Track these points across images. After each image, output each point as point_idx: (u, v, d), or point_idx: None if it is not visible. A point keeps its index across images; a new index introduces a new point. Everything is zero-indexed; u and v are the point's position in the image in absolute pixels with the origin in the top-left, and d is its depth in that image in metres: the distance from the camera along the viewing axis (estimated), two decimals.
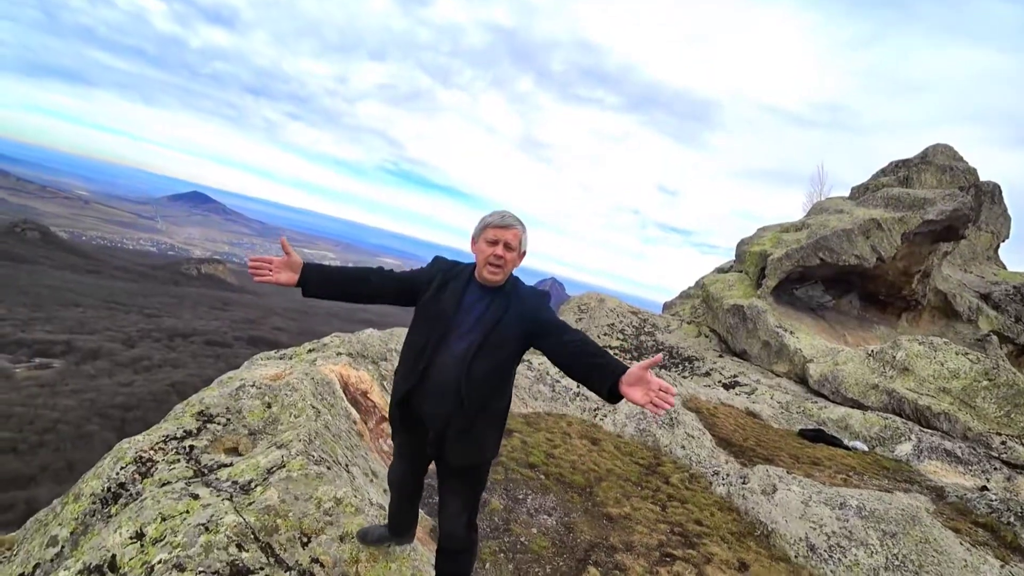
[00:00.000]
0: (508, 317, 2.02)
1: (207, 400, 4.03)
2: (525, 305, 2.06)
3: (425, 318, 2.09)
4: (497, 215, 2.06)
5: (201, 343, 78.92)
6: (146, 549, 2.42)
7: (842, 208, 17.32)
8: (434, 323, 2.05)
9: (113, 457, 3.40)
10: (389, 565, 2.46)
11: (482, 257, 2.04)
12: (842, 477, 6.43)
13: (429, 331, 2.05)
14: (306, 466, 2.93)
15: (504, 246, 2.01)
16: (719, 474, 6.10)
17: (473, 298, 2.08)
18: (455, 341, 2.01)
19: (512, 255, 2.04)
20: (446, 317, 2.03)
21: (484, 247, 2.04)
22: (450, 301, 2.06)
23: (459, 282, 2.11)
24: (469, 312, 2.05)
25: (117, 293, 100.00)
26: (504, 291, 2.09)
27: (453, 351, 2.00)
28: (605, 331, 16.38)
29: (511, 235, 2.02)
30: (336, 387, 4.94)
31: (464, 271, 2.15)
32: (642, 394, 1.65)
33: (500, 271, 2.03)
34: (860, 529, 4.62)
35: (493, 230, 2.03)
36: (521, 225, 2.07)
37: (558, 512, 4.72)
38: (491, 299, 2.07)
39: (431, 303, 2.09)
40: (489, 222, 2.05)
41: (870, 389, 10.74)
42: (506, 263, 2.03)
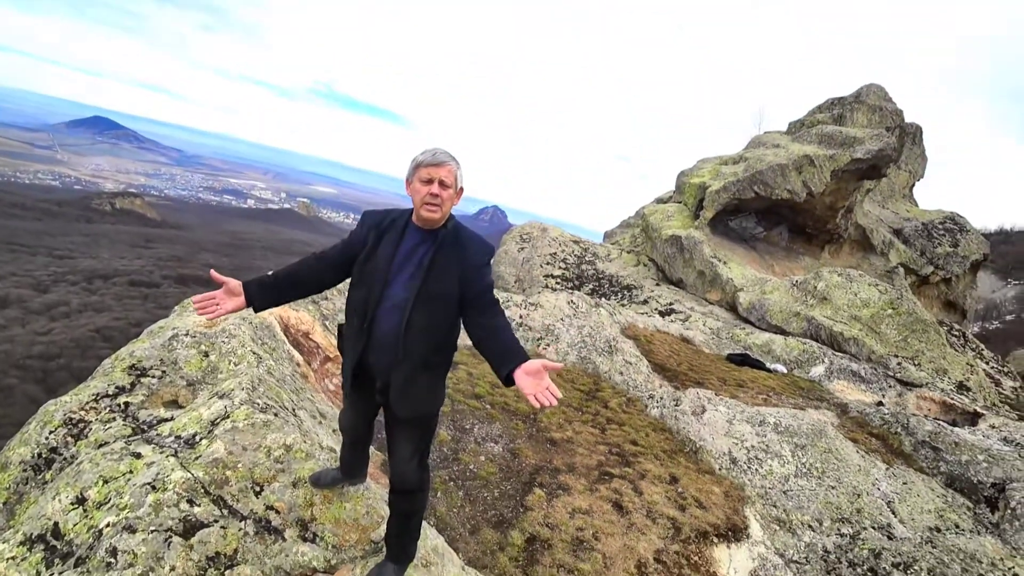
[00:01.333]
0: (448, 263, 1.99)
1: (138, 352, 3.85)
2: (467, 256, 2.03)
3: (362, 274, 2.03)
4: (428, 153, 1.98)
5: (125, 284, 73.80)
6: (90, 513, 2.37)
7: (779, 143, 17.91)
8: (371, 277, 2.01)
9: (39, 421, 3.23)
10: (344, 505, 2.54)
11: (418, 198, 1.98)
12: (763, 397, 7.08)
13: (369, 287, 2.01)
14: (252, 415, 2.91)
15: (439, 184, 1.96)
16: (654, 397, 6.56)
17: (412, 242, 2.04)
18: (395, 288, 1.99)
19: (448, 192, 1.98)
20: (383, 269, 1.99)
21: (419, 187, 1.98)
22: (385, 252, 2.02)
23: (395, 231, 2.05)
24: (409, 259, 2.01)
25: (19, 233, 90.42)
26: (446, 234, 2.04)
27: (393, 299, 1.98)
28: (547, 260, 16.65)
29: (445, 172, 1.96)
30: (276, 330, 4.83)
31: (399, 218, 2.09)
32: (531, 384, 1.73)
33: (438, 209, 1.97)
34: (775, 443, 5.19)
35: (426, 168, 1.96)
36: (455, 161, 2.00)
37: (504, 439, 4.97)
38: (430, 243, 2.03)
39: (367, 262, 2.05)
40: (421, 161, 1.98)
41: (792, 316, 11.66)
42: (443, 201, 1.97)
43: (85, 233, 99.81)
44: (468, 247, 2.05)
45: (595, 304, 9.35)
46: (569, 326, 8.30)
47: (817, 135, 17.57)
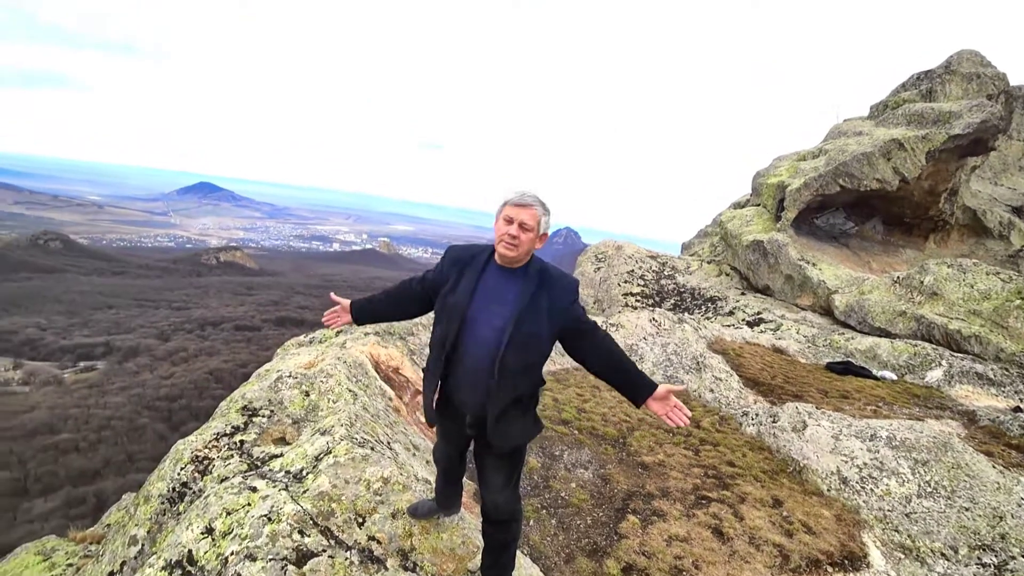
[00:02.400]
0: (537, 308, 2.01)
1: (249, 395, 4.23)
2: (556, 295, 2.05)
3: (443, 310, 2.10)
4: (517, 193, 2.01)
5: (231, 329, 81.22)
6: (217, 543, 2.62)
7: (861, 130, 16.67)
8: (451, 313, 2.06)
9: (172, 459, 3.63)
10: (440, 535, 2.63)
11: (498, 235, 2.02)
12: (872, 408, 6.49)
13: (448, 323, 2.06)
14: (351, 450, 3.09)
15: (520, 226, 1.97)
16: (748, 414, 6.21)
17: (494, 281, 2.07)
18: (481, 328, 2.02)
19: (528, 236, 1.99)
20: (462, 306, 2.04)
21: (501, 224, 2.01)
22: (466, 289, 2.06)
23: (475, 267, 2.10)
24: (491, 296, 2.04)
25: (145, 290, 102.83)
26: (529, 273, 2.05)
27: (480, 338, 2.01)
28: (625, 278, 16.36)
29: (527, 215, 1.98)
30: (368, 367, 5.12)
31: (481, 255, 2.13)
32: (661, 407, 2.01)
33: (515, 249, 1.99)
34: (891, 459, 4.72)
35: (511, 208, 1.99)
36: (541, 205, 2.01)
37: (594, 465, 4.90)
38: (515, 282, 2.05)
39: (448, 297, 2.10)
40: (508, 200, 2.01)
41: (897, 316, 10.64)
42: (521, 243, 1.98)
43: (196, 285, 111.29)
44: (554, 286, 2.07)
45: (678, 320, 9.06)
46: (653, 345, 8.10)
47: (904, 115, 16.13)
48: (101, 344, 73.82)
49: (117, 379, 63.05)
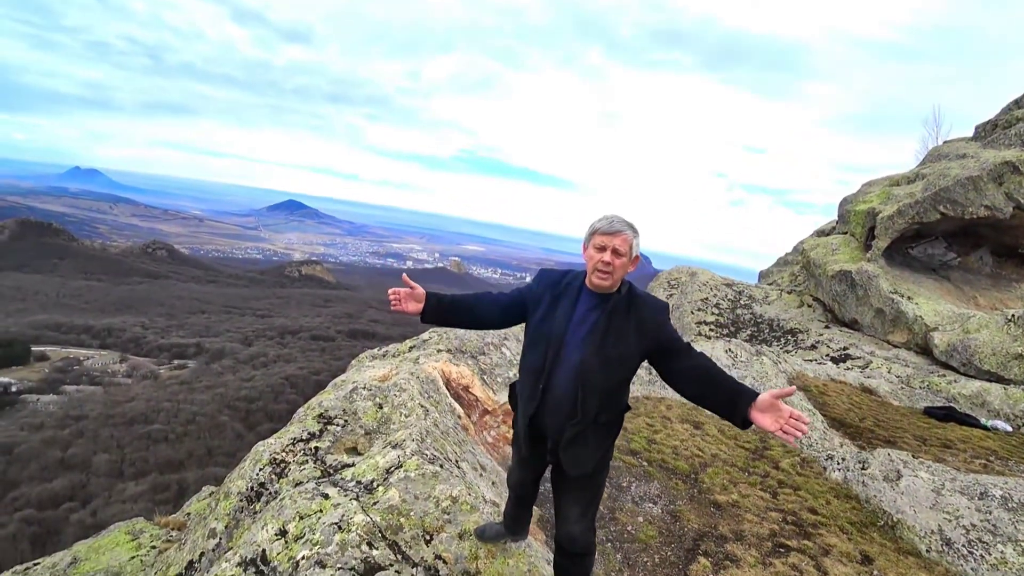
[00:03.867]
0: (626, 328, 1.99)
1: (325, 403, 4.42)
2: (644, 317, 2.02)
3: (539, 338, 2.09)
4: (605, 220, 2.00)
5: (307, 339, 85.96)
6: (290, 546, 2.72)
7: (965, 152, 15.27)
8: (548, 342, 2.05)
9: (252, 460, 3.84)
10: (507, 561, 2.60)
11: (591, 264, 2.01)
12: (981, 462, 5.80)
13: (545, 351, 2.04)
14: (421, 465, 3.14)
15: (612, 252, 1.97)
16: (834, 458, 5.74)
17: (586, 307, 2.06)
18: (570, 352, 2.01)
19: (622, 261, 1.98)
20: (560, 332, 2.03)
21: (593, 253, 2.01)
22: (562, 318, 2.05)
23: (570, 296, 2.09)
24: (583, 323, 2.03)
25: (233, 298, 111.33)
26: (620, 298, 2.04)
27: (569, 363, 2.00)
28: (699, 306, 15.75)
29: (620, 240, 1.97)
30: (440, 384, 5.21)
31: (574, 282, 2.12)
32: (772, 420, 1.76)
33: (609, 276, 1.98)
34: (1007, 523, 4.16)
35: (601, 236, 1.99)
36: (632, 230, 2.00)
37: (663, 500, 4.69)
38: (605, 307, 2.03)
39: (543, 323, 2.09)
40: (597, 228, 2.00)
41: (1012, 360, 9.51)
42: (615, 269, 1.98)
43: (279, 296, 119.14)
44: (643, 308, 2.04)
45: (756, 352, 8.59)
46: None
47: (1019, 135, 14.57)
48: (193, 345, 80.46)
49: (204, 378, 68.26)
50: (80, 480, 44.01)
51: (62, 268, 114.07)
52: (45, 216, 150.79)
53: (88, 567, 4.62)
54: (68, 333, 78.62)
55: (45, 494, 40.79)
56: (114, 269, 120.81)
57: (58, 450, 46.86)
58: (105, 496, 42.01)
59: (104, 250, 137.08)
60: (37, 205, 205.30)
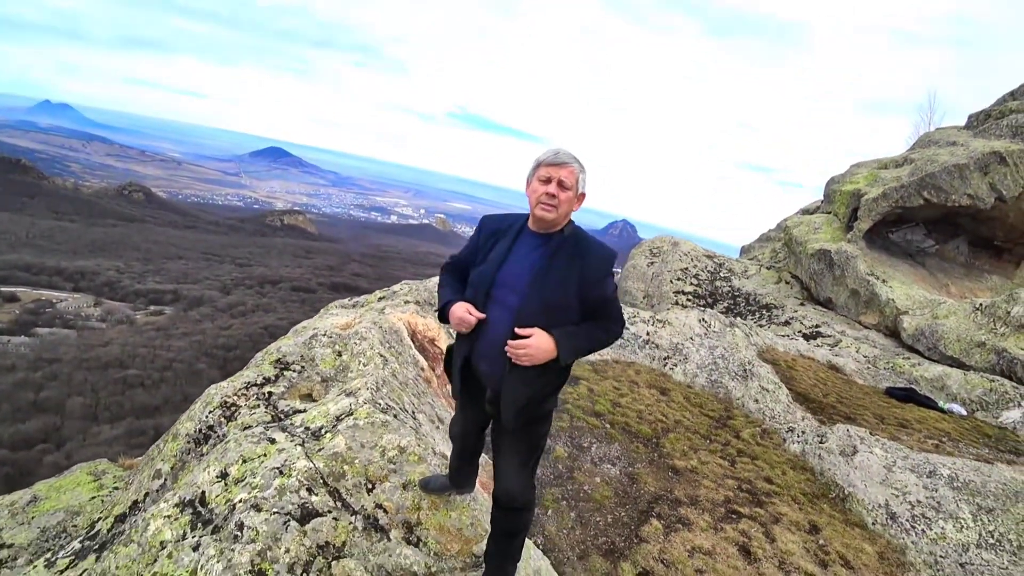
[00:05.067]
0: (570, 273, 1.89)
1: (284, 349, 4.29)
2: (589, 263, 1.91)
3: (474, 280, 2.01)
4: (550, 152, 1.90)
5: (288, 289, 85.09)
6: (229, 488, 2.63)
7: (955, 140, 15.23)
8: (479, 280, 1.97)
9: (203, 402, 3.72)
10: (449, 513, 2.54)
11: (534, 197, 1.91)
12: (933, 443, 5.93)
13: (476, 292, 1.97)
14: (372, 414, 3.05)
15: (558, 184, 1.87)
16: (794, 431, 5.82)
17: (527, 247, 1.96)
18: (507, 295, 1.91)
19: (567, 195, 1.88)
20: (490, 275, 1.94)
21: (537, 186, 1.90)
22: (496, 258, 1.96)
23: (509, 235, 2.00)
24: (522, 263, 1.93)
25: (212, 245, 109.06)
26: (565, 239, 1.93)
27: (505, 306, 1.90)
28: (678, 276, 15.79)
29: (566, 173, 1.87)
30: (404, 335, 5.09)
31: (515, 224, 2.03)
32: None
33: (553, 210, 1.88)
34: (950, 501, 4.27)
35: (546, 168, 1.89)
36: (577, 163, 1.90)
37: (622, 462, 4.71)
38: (548, 248, 1.93)
39: (478, 265, 2.02)
40: (542, 159, 1.90)
41: (975, 347, 9.72)
42: (560, 202, 1.87)
43: (260, 245, 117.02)
44: (588, 255, 1.92)
45: (729, 324, 8.62)
46: (699, 346, 7.73)
47: (1010, 127, 14.55)
48: (170, 291, 79.15)
49: (181, 325, 67.45)
50: (54, 423, 43.71)
51: (32, 207, 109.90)
52: (13, 152, 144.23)
53: (48, 506, 4.53)
54: (39, 274, 76.56)
55: (18, 435, 40.51)
56: (87, 210, 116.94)
57: (31, 392, 46.32)
58: (79, 439, 41.88)
59: (77, 190, 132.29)
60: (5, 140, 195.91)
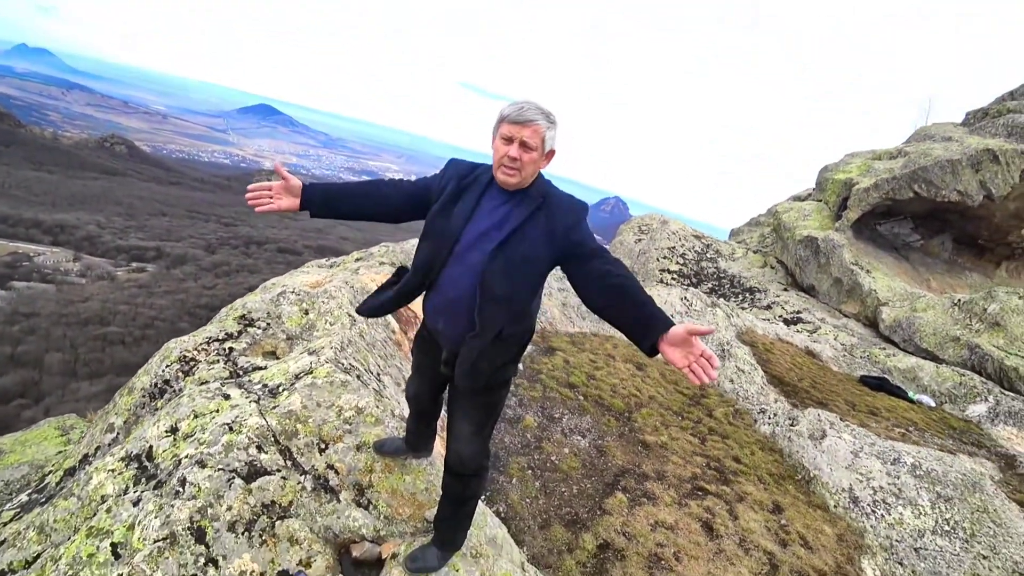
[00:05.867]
0: (534, 229, 1.75)
1: (249, 305, 4.14)
2: (556, 217, 1.76)
3: (432, 231, 1.85)
4: (515, 107, 1.70)
5: (274, 251, 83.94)
6: (177, 443, 2.53)
7: (951, 135, 15.17)
8: (442, 233, 1.81)
9: (161, 355, 3.58)
10: (403, 477, 2.47)
11: (496, 157, 1.75)
12: (900, 431, 6.01)
13: (438, 243, 1.82)
14: (332, 374, 2.94)
15: (520, 145, 1.69)
16: (766, 412, 5.85)
17: (493, 203, 1.81)
18: (468, 252, 1.77)
19: (531, 156, 1.71)
20: (457, 226, 1.79)
21: (499, 145, 1.73)
22: (462, 213, 1.80)
23: (476, 189, 1.83)
24: (488, 220, 1.79)
25: (197, 203, 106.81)
26: (531, 196, 1.79)
27: (466, 264, 1.77)
28: (665, 254, 15.77)
29: (530, 132, 1.69)
30: None
31: (483, 176, 1.86)
32: (682, 356, 1.50)
33: (516, 173, 1.73)
34: (911, 488, 4.31)
35: (509, 126, 1.70)
36: (545, 118, 1.71)
37: (592, 434, 4.69)
38: (514, 204, 1.78)
39: (440, 214, 1.84)
40: (506, 115, 1.71)
41: (949, 341, 9.84)
42: (523, 165, 1.71)
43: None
44: (557, 209, 1.78)
45: (711, 303, 8.60)
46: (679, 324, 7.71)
47: (1005, 126, 14.53)
48: (153, 248, 77.64)
49: (164, 283, 66.44)
50: (32, 377, 43.10)
51: (8, 156, 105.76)
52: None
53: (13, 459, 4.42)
54: (16, 226, 74.36)
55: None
56: (67, 161, 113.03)
57: (8, 346, 45.47)
58: (58, 394, 41.38)
59: (56, 140, 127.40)
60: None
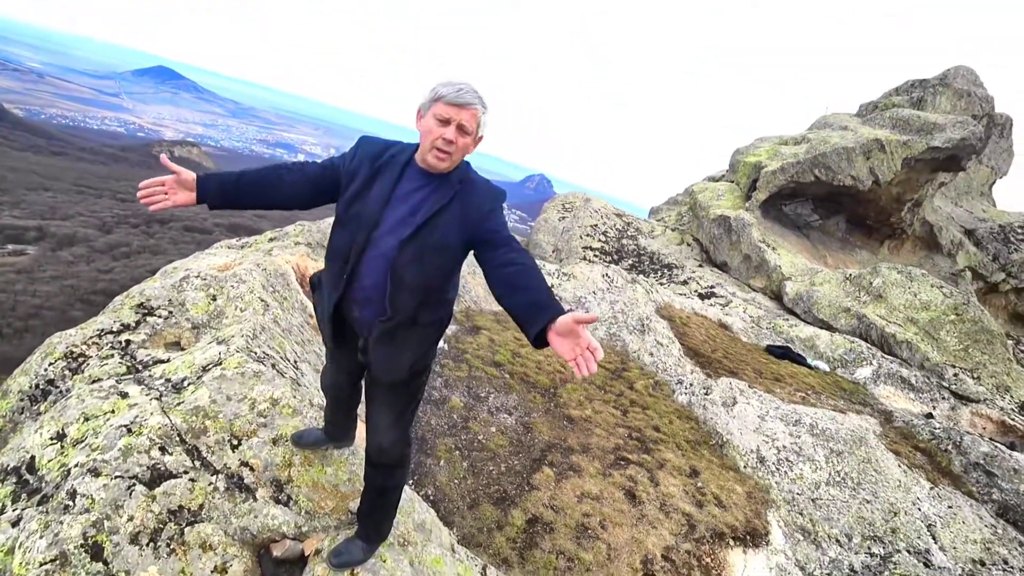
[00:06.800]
0: (450, 213, 1.70)
1: (148, 292, 3.77)
2: (472, 204, 1.72)
3: (348, 214, 1.76)
4: (453, 88, 1.64)
5: (180, 229, 77.18)
6: (66, 451, 2.28)
7: (847, 125, 16.59)
8: (359, 219, 1.72)
9: (42, 352, 3.19)
10: (325, 469, 2.37)
11: (429, 139, 1.67)
12: (801, 395, 6.60)
13: (353, 233, 1.73)
14: (244, 364, 2.75)
15: (457, 128, 1.65)
16: (683, 383, 6.20)
17: (411, 186, 1.73)
18: (383, 236, 1.70)
19: (466, 140, 1.68)
20: (375, 211, 1.71)
21: (433, 126, 1.66)
22: (378, 197, 1.72)
23: (392, 171, 1.74)
24: (403, 203, 1.72)
25: (87, 176, 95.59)
26: (450, 180, 1.73)
27: (380, 250, 1.70)
28: (588, 232, 16.18)
29: (468, 116, 1.65)
30: (291, 279, 4.69)
31: (399, 156, 1.77)
32: (569, 348, 1.44)
33: (448, 158, 1.68)
34: (809, 446, 4.78)
35: (446, 107, 1.64)
36: (482, 103, 1.68)
37: (519, 412, 4.76)
38: (432, 188, 1.72)
39: (355, 200, 1.74)
40: (443, 95, 1.64)
41: (841, 312, 10.90)
42: (457, 149, 1.67)
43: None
44: (474, 195, 1.74)
45: (631, 280, 8.93)
46: (601, 300, 7.95)
47: (891, 119, 16.14)
48: (33, 228, 68.77)
49: (49, 267, 59.29)
50: None
51: None
52: None
53: None
54: None
55: None
56: None
57: None
58: None
59: None
60: None
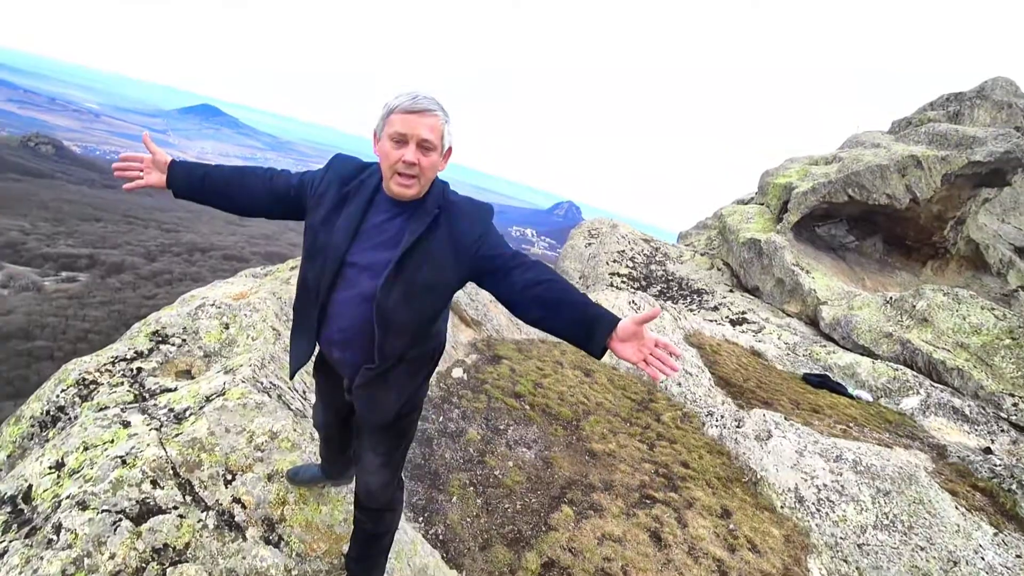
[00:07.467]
0: (435, 245, 1.49)
1: (164, 319, 3.78)
2: (461, 230, 1.51)
3: (315, 245, 1.57)
4: (406, 97, 1.41)
5: (219, 258, 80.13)
6: (61, 481, 2.21)
7: (880, 142, 16.09)
8: (326, 257, 1.52)
9: (56, 379, 3.20)
10: (319, 508, 2.24)
11: (387, 164, 1.45)
12: (842, 428, 6.18)
13: (322, 266, 1.53)
14: (247, 394, 2.68)
15: (419, 146, 1.41)
16: (713, 415, 5.89)
17: (381, 217, 1.53)
18: (360, 276, 1.51)
19: (431, 159, 1.43)
20: (341, 245, 1.51)
21: (389, 149, 1.42)
22: (347, 224, 1.52)
23: (361, 197, 1.54)
24: (375, 236, 1.51)
25: (135, 208, 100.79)
26: (425, 206, 1.50)
27: (357, 290, 1.51)
28: (614, 258, 15.97)
29: (427, 126, 1.40)
30: None
31: (368, 181, 1.57)
32: (635, 351, 1.32)
33: (415, 183, 1.45)
34: (853, 484, 4.40)
35: (402, 117, 1.39)
36: (442, 110, 1.44)
37: (539, 445, 4.55)
38: (406, 218, 1.51)
39: (321, 228, 1.55)
40: (395, 106, 1.41)
41: (883, 337, 10.32)
42: (422, 171, 1.43)
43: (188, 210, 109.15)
44: (458, 218, 1.53)
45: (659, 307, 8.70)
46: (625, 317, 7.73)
47: (927, 134, 15.56)
48: (85, 256, 72.64)
49: (99, 293, 62.25)
50: None
51: None
52: None
53: None
54: None
55: None
56: None
57: None
58: None
59: None
60: None
